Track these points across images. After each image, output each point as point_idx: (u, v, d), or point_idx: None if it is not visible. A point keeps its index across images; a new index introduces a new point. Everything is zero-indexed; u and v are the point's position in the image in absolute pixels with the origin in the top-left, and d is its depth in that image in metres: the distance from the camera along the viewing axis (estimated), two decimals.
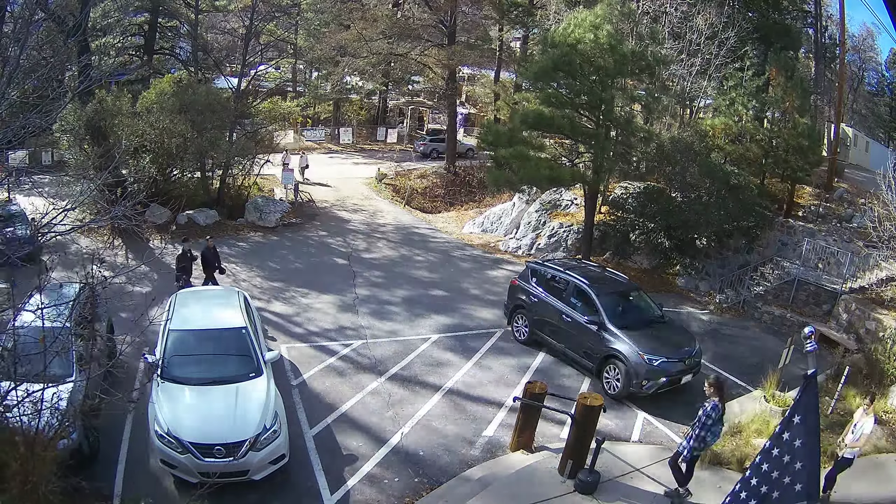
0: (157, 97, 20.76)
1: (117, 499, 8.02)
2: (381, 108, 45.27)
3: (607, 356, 11.71)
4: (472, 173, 30.93)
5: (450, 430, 10.25)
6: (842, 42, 25.00)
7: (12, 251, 7.13)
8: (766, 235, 19.15)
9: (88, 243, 16.84)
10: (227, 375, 9.05)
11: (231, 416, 8.36)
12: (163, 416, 8.26)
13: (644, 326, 12.12)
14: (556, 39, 17.39)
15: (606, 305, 12.16)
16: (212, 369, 9.17)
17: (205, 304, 10.98)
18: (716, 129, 20.32)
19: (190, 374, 8.98)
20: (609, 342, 11.73)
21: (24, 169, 11.03)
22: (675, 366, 11.45)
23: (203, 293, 12.06)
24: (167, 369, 8.99)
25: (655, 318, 12.67)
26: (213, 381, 8.90)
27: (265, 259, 18.44)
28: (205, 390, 8.77)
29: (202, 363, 9.25)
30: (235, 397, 8.67)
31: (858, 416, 8.59)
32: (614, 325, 11.85)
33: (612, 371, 11.66)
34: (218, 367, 9.24)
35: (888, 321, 14.16)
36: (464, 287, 17.41)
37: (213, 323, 10.09)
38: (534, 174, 17.42)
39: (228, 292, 11.89)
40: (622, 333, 11.70)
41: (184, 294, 11.43)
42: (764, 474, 5.13)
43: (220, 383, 8.88)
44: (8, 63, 7.15)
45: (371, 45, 31.21)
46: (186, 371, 9.03)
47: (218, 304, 10.88)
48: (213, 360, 9.35)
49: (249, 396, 8.75)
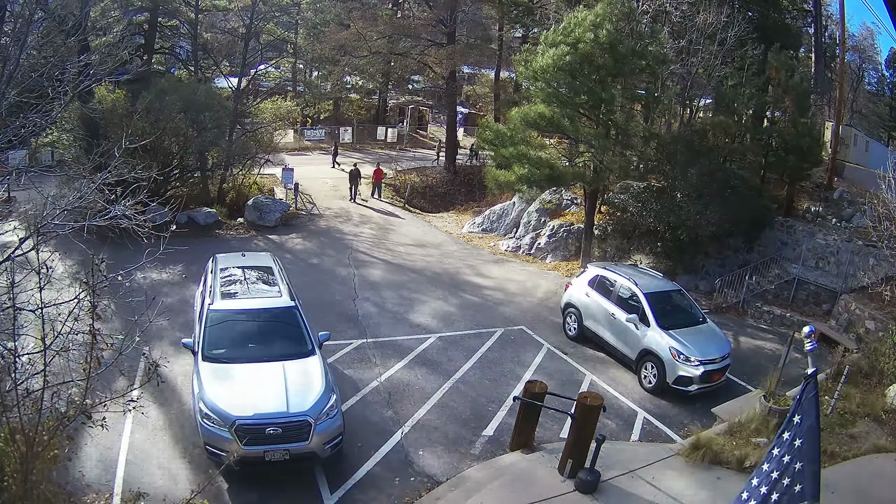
0: (157, 96, 20.76)
1: (117, 498, 8.03)
2: (380, 107, 45.24)
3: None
4: (472, 173, 30.93)
5: (450, 430, 10.26)
6: (842, 41, 24.97)
7: None
8: (766, 235, 19.15)
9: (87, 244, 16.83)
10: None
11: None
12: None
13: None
14: (556, 39, 17.38)
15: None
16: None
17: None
18: (716, 129, 20.31)
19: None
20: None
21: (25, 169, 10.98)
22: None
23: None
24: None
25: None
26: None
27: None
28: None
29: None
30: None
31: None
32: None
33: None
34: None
35: (888, 321, 14.16)
36: (464, 287, 17.41)
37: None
38: (534, 174, 17.43)
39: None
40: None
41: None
42: (765, 474, 5.12)
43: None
44: (8, 63, 7.14)
45: (371, 45, 31.21)
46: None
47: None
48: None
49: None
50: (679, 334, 12.15)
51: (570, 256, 20.51)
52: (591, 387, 11.98)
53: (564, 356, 13.39)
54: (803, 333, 5.63)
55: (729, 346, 12.58)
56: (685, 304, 13.40)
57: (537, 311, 15.94)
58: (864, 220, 18.45)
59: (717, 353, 12.05)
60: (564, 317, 14.64)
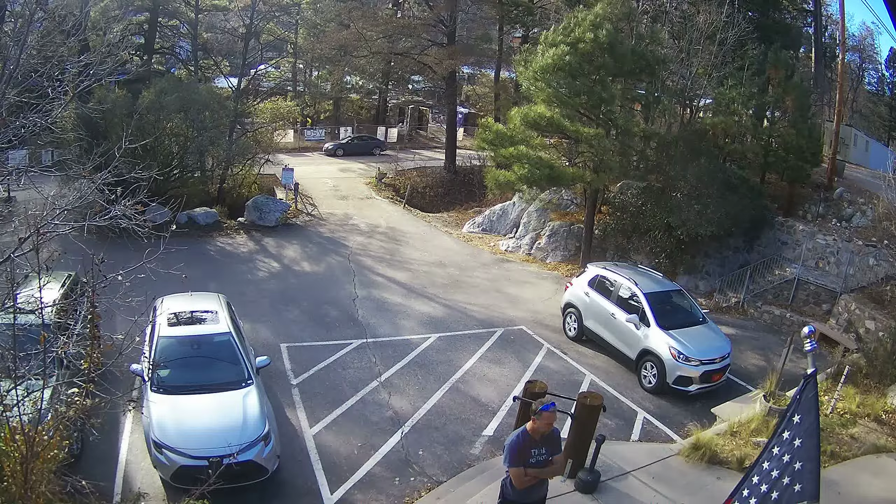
0: (157, 96, 20.77)
1: (117, 498, 8.02)
2: (380, 107, 45.26)
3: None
4: (472, 173, 30.93)
5: (450, 429, 10.26)
6: (842, 41, 24.97)
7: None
8: (766, 235, 19.15)
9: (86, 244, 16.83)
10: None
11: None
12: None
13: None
14: (556, 39, 17.38)
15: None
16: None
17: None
18: (716, 129, 20.31)
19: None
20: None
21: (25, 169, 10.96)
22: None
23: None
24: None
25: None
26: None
27: (265, 258, 18.45)
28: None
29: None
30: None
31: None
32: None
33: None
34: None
35: (888, 321, 14.16)
36: (464, 286, 17.40)
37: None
38: (534, 174, 17.42)
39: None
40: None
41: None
42: (765, 473, 5.12)
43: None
44: (8, 63, 7.13)
45: (371, 45, 31.20)
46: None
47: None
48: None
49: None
50: (679, 334, 12.14)
51: (570, 256, 20.50)
52: (591, 387, 11.98)
53: (564, 356, 13.39)
54: (803, 333, 5.62)
55: (729, 346, 12.56)
56: (685, 305, 13.40)
57: (537, 311, 15.94)
58: (864, 220, 18.46)
59: (718, 354, 12.04)
60: (564, 317, 14.63)
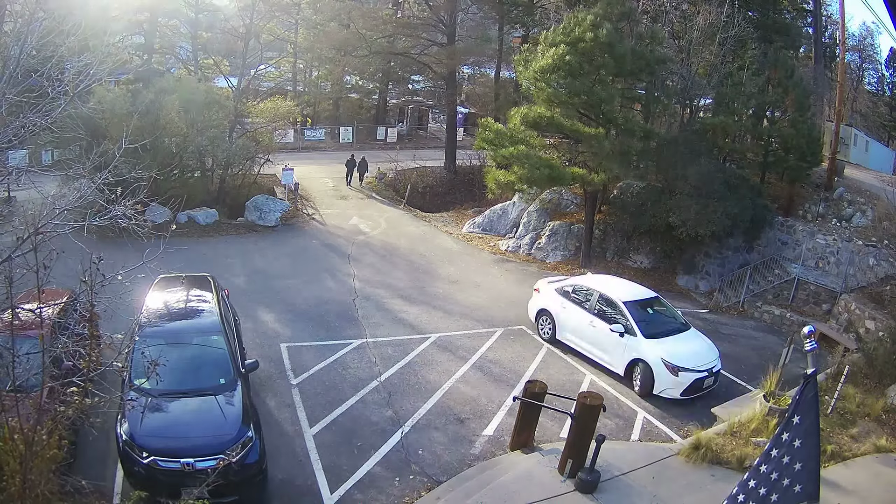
0: (157, 96, 20.75)
1: (117, 498, 8.03)
2: (380, 107, 45.22)
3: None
4: (472, 173, 30.91)
5: (449, 429, 10.26)
6: (842, 41, 24.98)
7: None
8: (766, 235, 19.15)
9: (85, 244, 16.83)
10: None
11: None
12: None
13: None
14: (556, 38, 17.39)
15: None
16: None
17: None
18: (716, 129, 20.32)
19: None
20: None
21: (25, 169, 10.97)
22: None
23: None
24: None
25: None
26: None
27: (265, 258, 18.43)
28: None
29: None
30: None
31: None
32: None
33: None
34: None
35: (888, 320, 14.16)
36: (464, 286, 17.40)
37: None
38: (534, 174, 17.43)
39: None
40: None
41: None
42: (763, 476, 5.10)
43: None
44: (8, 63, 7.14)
45: (371, 44, 31.19)
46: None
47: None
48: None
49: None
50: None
51: (570, 256, 20.50)
52: (591, 387, 11.97)
53: (564, 356, 13.39)
54: (803, 333, 5.63)
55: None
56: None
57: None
58: (864, 219, 18.48)
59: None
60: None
